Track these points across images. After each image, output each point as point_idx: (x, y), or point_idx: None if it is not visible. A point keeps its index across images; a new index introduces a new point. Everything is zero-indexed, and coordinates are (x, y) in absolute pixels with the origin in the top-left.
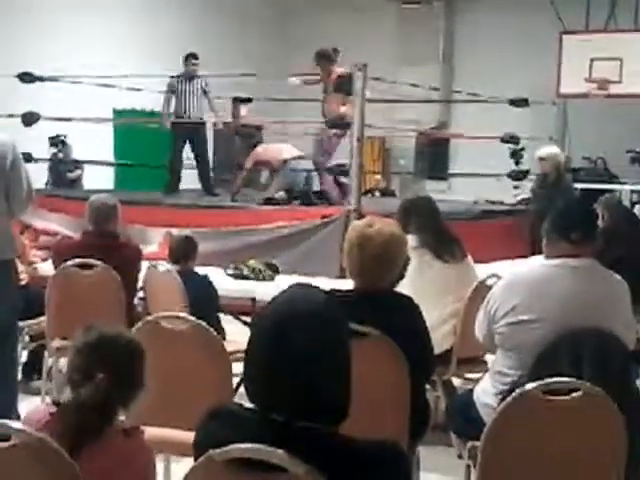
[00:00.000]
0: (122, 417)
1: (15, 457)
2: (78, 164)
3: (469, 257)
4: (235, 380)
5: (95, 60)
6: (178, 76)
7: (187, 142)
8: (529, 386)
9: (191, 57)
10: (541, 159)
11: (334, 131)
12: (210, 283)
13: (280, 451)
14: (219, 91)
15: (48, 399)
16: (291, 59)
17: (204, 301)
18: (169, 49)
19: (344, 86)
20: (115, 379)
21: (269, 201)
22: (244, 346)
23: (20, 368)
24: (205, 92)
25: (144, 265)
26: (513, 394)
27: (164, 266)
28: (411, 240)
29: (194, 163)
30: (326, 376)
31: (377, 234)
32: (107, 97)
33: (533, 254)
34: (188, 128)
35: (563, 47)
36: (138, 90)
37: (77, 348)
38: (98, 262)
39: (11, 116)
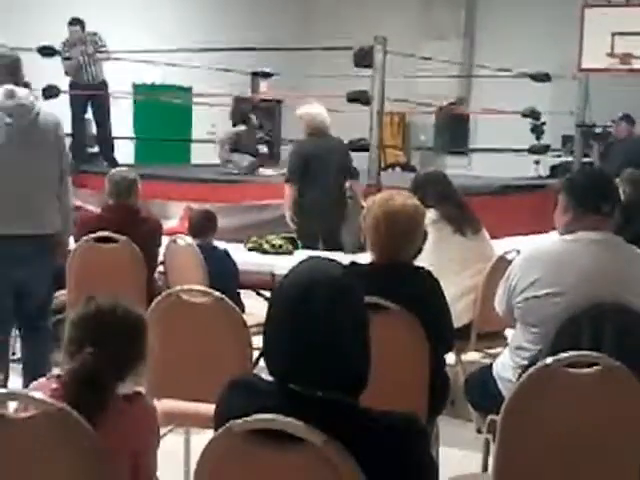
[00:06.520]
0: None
1: (36, 427)
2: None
3: (485, 231)
4: (255, 353)
5: (114, 34)
6: (66, 42)
7: (87, 107)
8: (549, 360)
9: (70, 24)
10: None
11: None
12: (230, 257)
13: (298, 422)
14: (239, 65)
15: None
16: (312, 33)
17: (224, 275)
18: (189, 23)
19: (363, 60)
20: (106, 352)
21: None
22: (264, 320)
23: None
24: (97, 51)
25: (164, 239)
26: (533, 367)
27: (184, 240)
28: (430, 214)
29: (210, 136)
30: (347, 342)
31: (402, 208)
32: (126, 71)
33: None
34: (85, 93)
35: (585, 21)
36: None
37: (72, 320)
38: (119, 236)
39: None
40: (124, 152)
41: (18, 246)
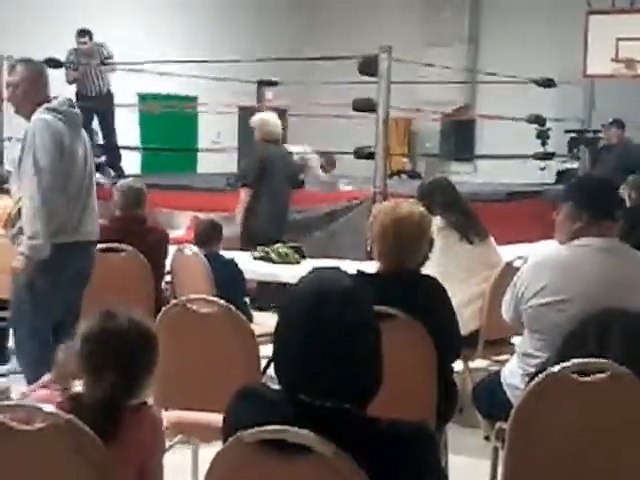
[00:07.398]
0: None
1: (44, 438)
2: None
3: (491, 238)
4: (262, 362)
5: (120, 44)
6: (75, 51)
7: (93, 117)
8: (557, 367)
9: (79, 35)
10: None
11: None
12: (236, 266)
13: (308, 432)
14: (244, 74)
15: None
16: (316, 40)
17: (231, 284)
18: (195, 33)
19: (368, 69)
20: (121, 373)
21: None
22: (271, 329)
23: None
24: (103, 62)
25: (171, 249)
26: (541, 375)
27: (191, 250)
28: (436, 221)
29: (214, 145)
30: (358, 347)
31: (409, 216)
32: (132, 81)
33: None
34: (92, 102)
35: (589, 27)
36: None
37: (86, 334)
38: (126, 246)
39: None
40: (130, 162)
41: (79, 252)
